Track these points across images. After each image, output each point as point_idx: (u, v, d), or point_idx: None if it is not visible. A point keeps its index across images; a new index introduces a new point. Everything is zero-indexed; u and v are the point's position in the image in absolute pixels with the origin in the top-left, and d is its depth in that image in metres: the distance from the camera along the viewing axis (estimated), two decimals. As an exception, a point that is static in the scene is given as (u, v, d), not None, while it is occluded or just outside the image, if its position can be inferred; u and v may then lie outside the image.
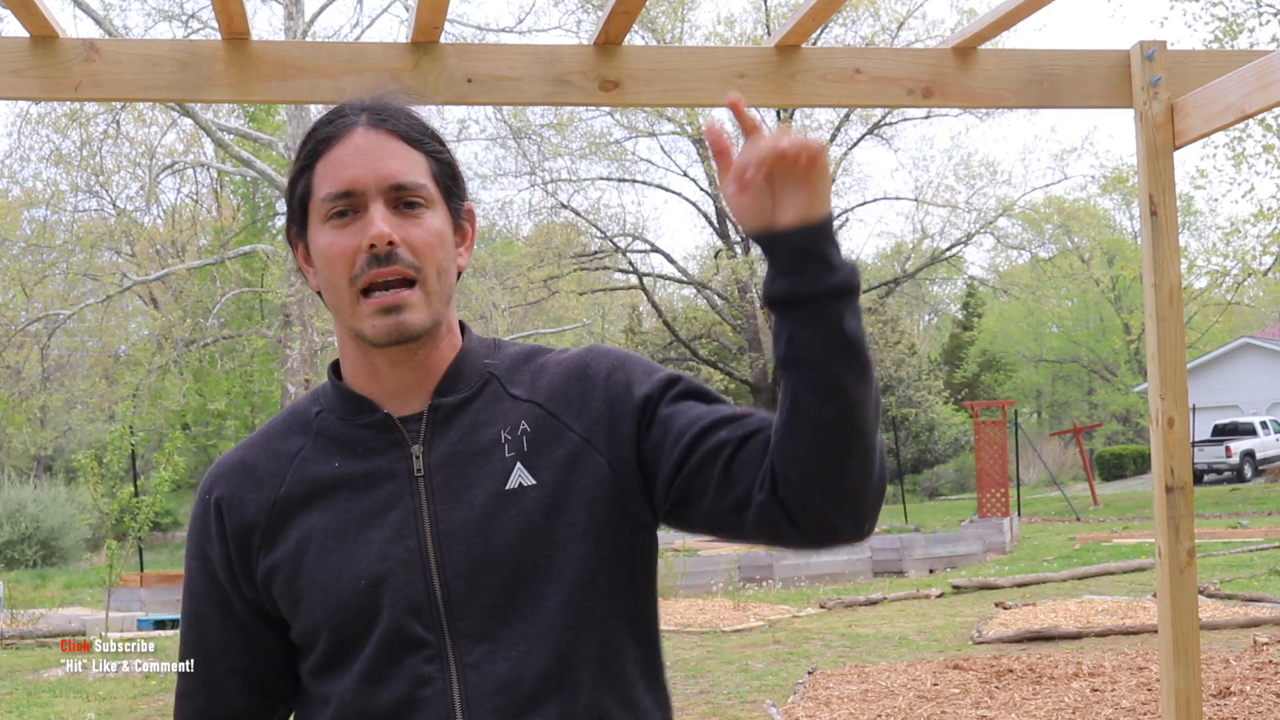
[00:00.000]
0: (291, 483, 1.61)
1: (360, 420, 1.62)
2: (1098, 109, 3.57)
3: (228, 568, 1.64)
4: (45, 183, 31.04)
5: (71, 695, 9.75)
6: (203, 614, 1.67)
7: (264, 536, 1.61)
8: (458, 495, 1.56)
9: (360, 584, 1.55)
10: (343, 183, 1.55)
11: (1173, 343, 3.31)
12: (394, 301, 1.54)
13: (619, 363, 1.63)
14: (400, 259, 1.54)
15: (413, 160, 1.57)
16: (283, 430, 1.67)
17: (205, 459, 34.95)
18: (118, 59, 3.07)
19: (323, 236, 1.57)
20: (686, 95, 3.27)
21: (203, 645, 1.68)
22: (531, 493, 1.55)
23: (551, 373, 1.64)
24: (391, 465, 1.58)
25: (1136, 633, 10.35)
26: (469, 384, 1.62)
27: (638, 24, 17.12)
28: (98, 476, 11.80)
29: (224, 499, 1.64)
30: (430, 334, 1.58)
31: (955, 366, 46.10)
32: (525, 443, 1.58)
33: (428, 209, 1.57)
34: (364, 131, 1.57)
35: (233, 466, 1.66)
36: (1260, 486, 31.85)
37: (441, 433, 1.59)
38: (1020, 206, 33.14)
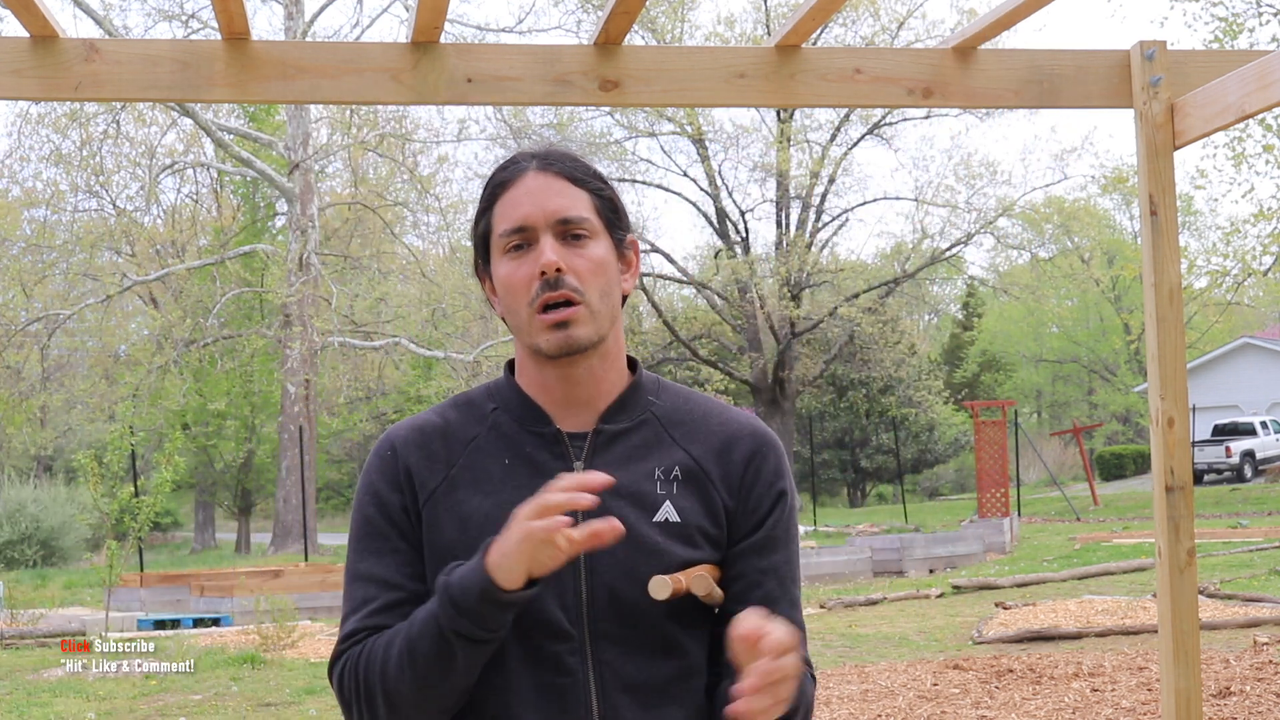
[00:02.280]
0: (463, 466, 1.80)
1: (532, 427, 1.81)
2: (1098, 109, 3.57)
3: (405, 514, 1.79)
4: (45, 183, 31.07)
5: (71, 695, 9.75)
6: (388, 548, 1.78)
7: (431, 499, 1.78)
8: (609, 512, 1.68)
9: None
10: (517, 220, 1.78)
11: (1173, 343, 3.31)
12: (563, 318, 1.75)
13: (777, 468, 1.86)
14: (567, 284, 1.75)
15: (577, 197, 1.80)
16: (459, 418, 1.85)
17: (205, 459, 34.94)
18: (118, 59, 3.07)
19: (503, 268, 1.80)
20: (686, 95, 3.27)
21: (386, 575, 1.77)
22: (676, 529, 1.77)
23: (714, 431, 1.85)
24: (554, 474, 1.70)
25: (1136, 633, 10.35)
26: (631, 416, 1.83)
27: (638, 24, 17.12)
28: (98, 476, 11.80)
29: (405, 456, 1.81)
30: (595, 350, 1.79)
31: (955, 366, 46.12)
32: (675, 486, 1.79)
33: (591, 239, 1.80)
34: (534, 174, 1.80)
35: (412, 432, 1.83)
36: (1260, 486, 31.85)
37: (602, 455, 1.79)
38: (1020, 206, 33.12)
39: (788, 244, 31.20)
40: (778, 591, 1.83)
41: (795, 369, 32.34)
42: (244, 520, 36.53)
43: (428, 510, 1.78)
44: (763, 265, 32.73)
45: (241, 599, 14.41)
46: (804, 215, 32.27)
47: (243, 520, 36.50)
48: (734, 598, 1.80)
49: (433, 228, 31.36)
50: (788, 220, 32.36)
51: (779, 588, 1.84)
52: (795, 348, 32.29)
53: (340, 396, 29.45)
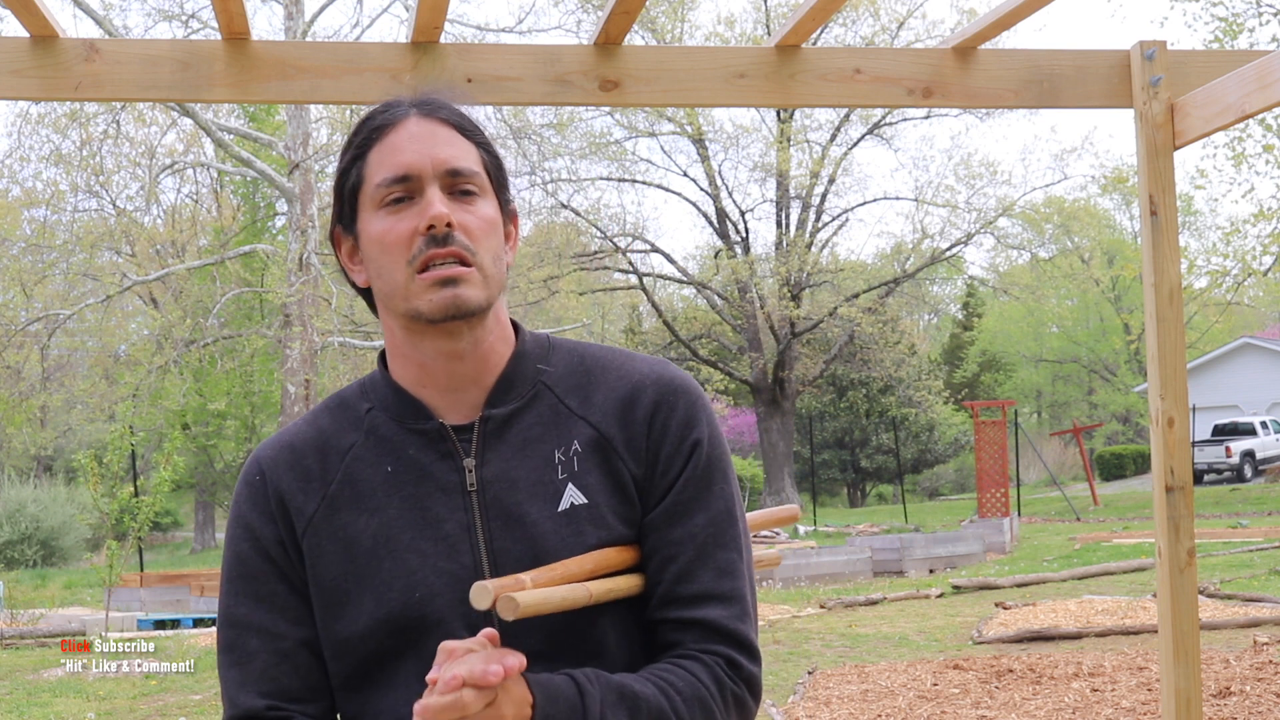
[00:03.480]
0: (342, 481, 1.59)
1: (413, 424, 1.60)
2: (1098, 109, 3.58)
3: (281, 546, 1.60)
4: (45, 183, 31.05)
5: (71, 695, 9.75)
6: (264, 591, 1.60)
7: (310, 528, 1.59)
8: (510, 513, 1.55)
9: (414, 595, 1.53)
10: (399, 168, 1.55)
11: (1173, 343, 3.31)
12: (451, 275, 1.52)
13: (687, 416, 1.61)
14: (457, 240, 1.53)
15: (466, 149, 1.58)
16: (332, 423, 1.64)
17: (205, 459, 34.94)
18: (118, 59, 3.07)
19: (377, 223, 1.56)
20: (686, 95, 3.28)
21: (267, 622, 1.59)
22: (583, 512, 1.56)
23: (613, 388, 1.62)
24: (444, 477, 1.57)
25: (1136, 633, 10.35)
26: (520, 393, 1.61)
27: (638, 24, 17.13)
28: (98, 476, 11.80)
29: (275, 482, 1.61)
30: (480, 318, 1.57)
31: (955, 366, 46.10)
32: (577, 462, 1.57)
33: (481, 197, 1.58)
34: (417, 120, 1.58)
35: (281, 451, 1.63)
36: (1260, 486, 31.84)
37: (494, 445, 1.58)
38: (1020, 206, 33.11)
39: (788, 244, 31.20)
40: (696, 563, 1.56)
41: (795, 369, 32.33)
42: (244, 520, 36.46)
43: (308, 540, 1.58)
44: (763, 265, 32.73)
45: (241, 599, 14.39)
46: (804, 215, 32.26)
47: (243, 520, 36.43)
48: (649, 577, 1.57)
49: (433, 228, 31.35)
50: (788, 220, 32.36)
51: (698, 558, 1.56)
52: (795, 348, 32.28)
53: (340, 397, 29.38)
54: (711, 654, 1.55)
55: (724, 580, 1.57)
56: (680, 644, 1.55)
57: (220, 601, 1.63)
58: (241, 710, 1.58)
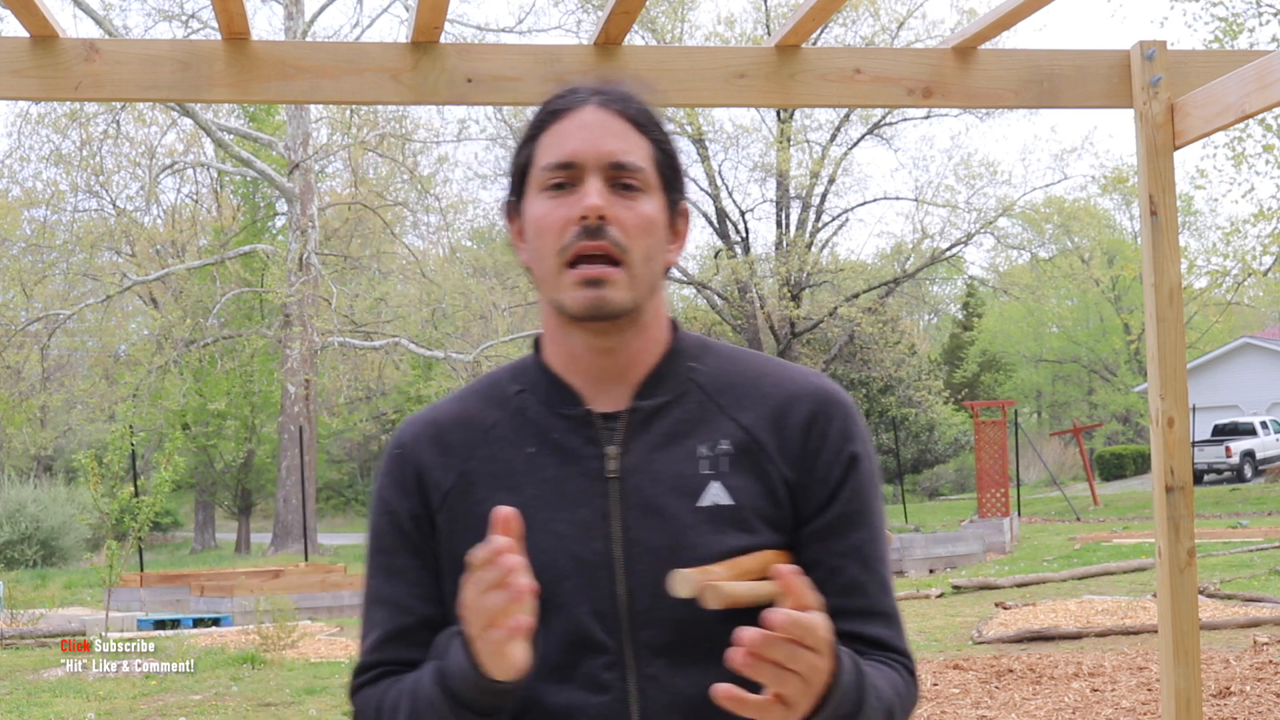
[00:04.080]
0: (482, 458, 1.60)
1: (560, 409, 1.60)
2: (1098, 109, 3.58)
3: (416, 522, 1.60)
4: (45, 183, 31.07)
5: (71, 695, 9.75)
6: (396, 566, 1.61)
7: (446, 503, 1.59)
8: (649, 504, 1.54)
9: (544, 577, 1.50)
10: (564, 154, 1.56)
11: (1173, 343, 3.31)
12: (597, 275, 1.52)
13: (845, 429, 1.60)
14: (609, 235, 1.52)
15: (637, 144, 1.57)
16: (479, 401, 1.65)
17: (205, 459, 34.94)
18: (118, 59, 3.07)
19: (537, 206, 1.57)
20: (686, 95, 3.28)
21: (395, 597, 1.61)
22: (727, 513, 1.54)
23: (767, 394, 1.60)
24: (586, 463, 1.56)
25: (1136, 633, 10.35)
26: (671, 388, 1.60)
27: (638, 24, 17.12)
28: (98, 476, 11.80)
29: (415, 457, 1.62)
30: (630, 318, 1.56)
31: (955, 366, 46.08)
32: (725, 462, 1.56)
33: (644, 193, 1.57)
34: (593, 109, 1.58)
35: (424, 426, 1.64)
36: (1260, 486, 31.84)
37: (639, 436, 1.57)
38: (1020, 206, 33.13)
39: (788, 244, 31.20)
40: (863, 576, 1.57)
41: (795, 369, 32.29)
42: (244, 520, 36.53)
43: (443, 516, 1.59)
44: (763, 265, 32.74)
45: (241, 599, 14.41)
46: (804, 215, 32.27)
47: (243, 520, 36.50)
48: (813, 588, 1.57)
49: (433, 228, 31.38)
50: (788, 220, 32.36)
51: (864, 571, 1.57)
52: (795, 348, 32.27)
53: (340, 396, 29.45)
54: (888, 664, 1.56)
55: (886, 598, 1.58)
56: None
57: (364, 570, 1.67)
58: (359, 679, 1.61)
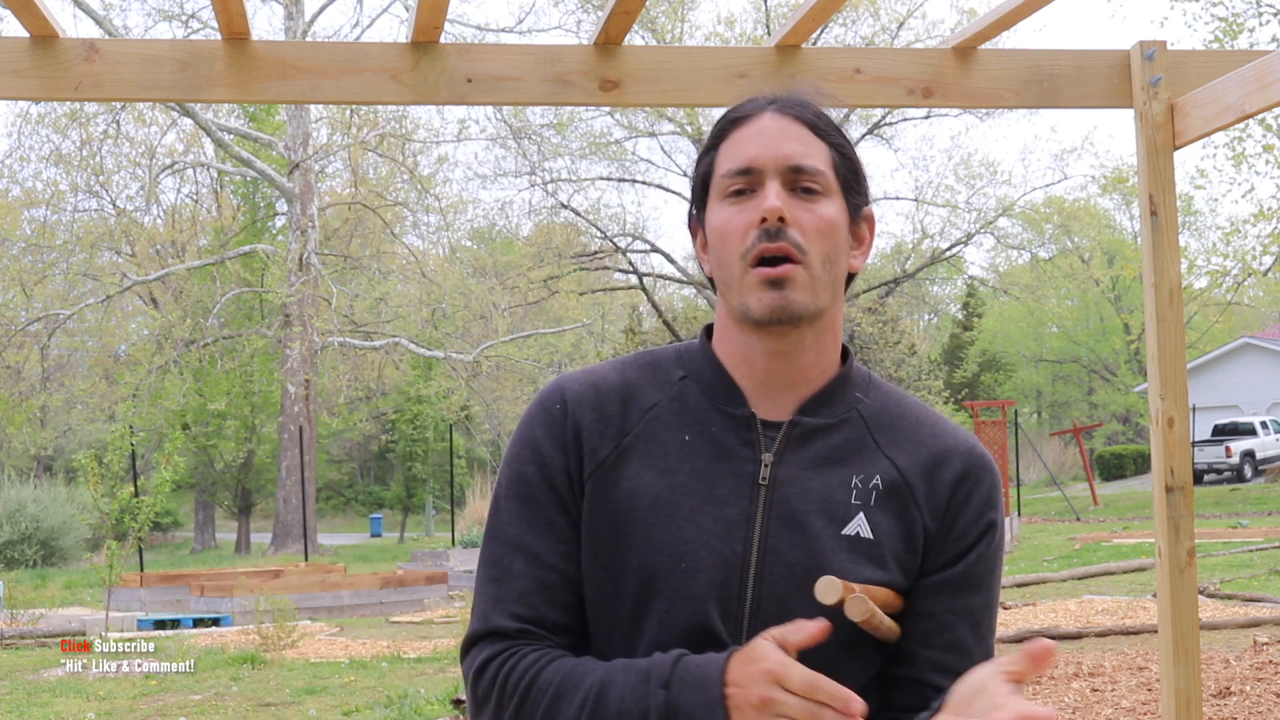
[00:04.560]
0: (637, 435, 1.59)
1: (724, 405, 1.60)
2: (1098, 109, 3.58)
3: (567, 478, 1.58)
4: (45, 183, 31.07)
5: (71, 695, 9.75)
6: (541, 517, 1.58)
7: (599, 470, 1.57)
8: (794, 517, 1.55)
9: (680, 565, 1.52)
10: (743, 160, 1.58)
11: (1173, 343, 3.31)
12: (780, 275, 1.53)
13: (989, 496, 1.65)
14: (788, 236, 1.54)
15: (815, 148, 1.59)
16: (639, 377, 1.64)
17: (205, 459, 34.94)
18: (118, 59, 3.07)
19: (719, 213, 1.59)
20: (686, 95, 3.28)
21: (538, 547, 1.57)
22: (866, 546, 1.55)
23: (924, 443, 1.62)
24: (739, 464, 1.57)
25: (1136, 633, 10.35)
26: (835, 412, 1.61)
27: (638, 24, 17.12)
28: (98, 476, 11.80)
29: (576, 415, 1.60)
30: (810, 324, 1.57)
31: (955, 366, 46.09)
32: (873, 497, 1.57)
33: (824, 196, 1.58)
34: (771, 116, 1.61)
35: (586, 389, 1.62)
36: (1260, 486, 31.85)
37: (796, 450, 1.58)
38: (1020, 206, 33.16)
39: (788, 244, 31.19)
40: (971, 639, 1.57)
41: (795, 369, 32.31)
42: (244, 520, 36.54)
43: (593, 482, 1.57)
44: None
45: (241, 599, 14.42)
46: (804, 215, 32.25)
47: (243, 520, 36.51)
48: (917, 638, 1.57)
49: (433, 228, 31.39)
50: (788, 220, 32.34)
51: (973, 635, 1.58)
52: (795, 348, 32.24)
53: (340, 396, 29.47)
54: None
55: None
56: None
57: (492, 518, 1.62)
58: (490, 626, 1.56)
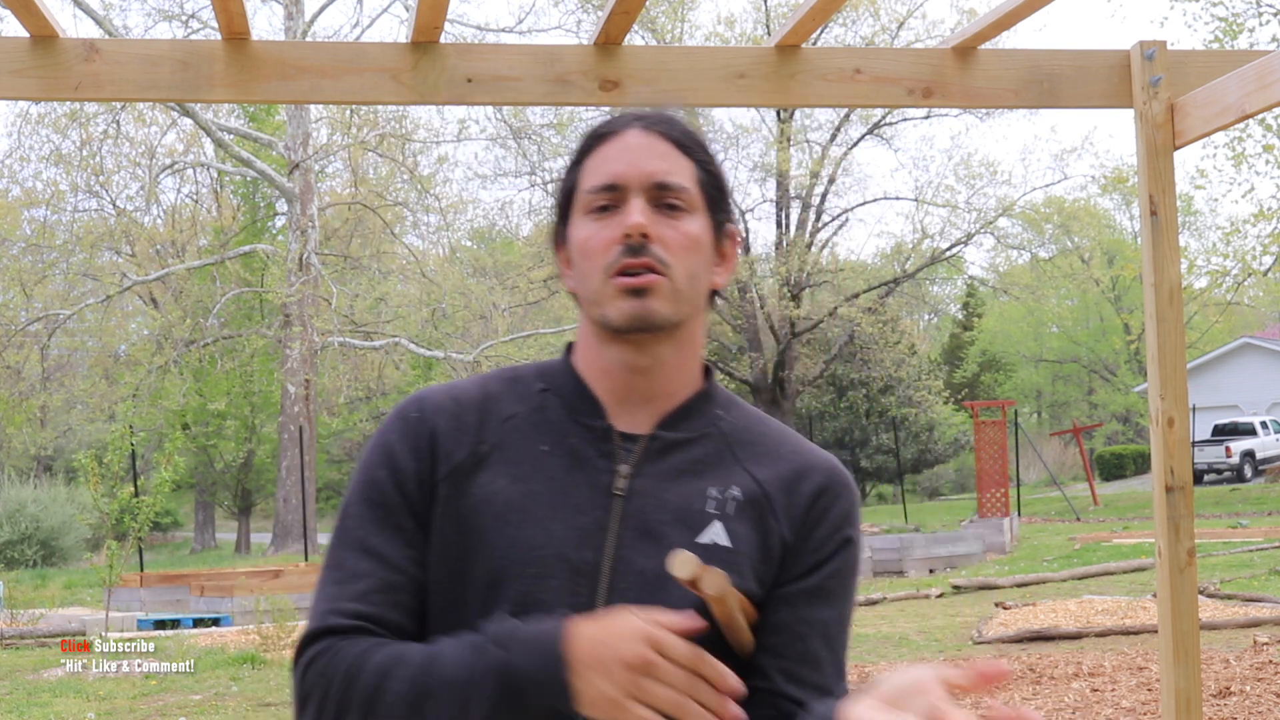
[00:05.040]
0: (494, 443, 1.59)
1: (582, 418, 1.60)
2: (1098, 109, 3.58)
3: (419, 484, 1.58)
4: (45, 183, 31.06)
5: (71, 695, 9.75)
6: (391, 521, 1.58)
7: (452, 475, 1.58)
8: (648, 527, 1.54)
9: (529, 570, 1.52)
10: (607, 176, 1.58)
11: (1173, 343, 3.31)
12: (641, 284, 1.54)
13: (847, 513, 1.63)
14: (651, 252, 1.54)
15: (680, 165, 1.60)
16: (499, 389, 1.65)
17: (205, 459, 34.93)
18: (118, 59, 3.07)
19: (582, 229, 1.59)
20: (686, 95, 3.27)
21: (388, 553, 1.56)
22: (723, 554, 1.54)
23: (784, 458, 1.63)
24: (595, 474, 1.57)
25: (1136, 633, 10.35)
26: (694, 428, 1.61)
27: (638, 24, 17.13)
28: (98, 476, 11.80)
29: (429, 421, 1.61)
30: (670, 336, 1.58)
31: (955, 366, 46.09)
32: (731, 506, 1.57)
33: (688, 213, 1.59)
34: (636, 132, 1.61)
35: (445, 399, 1.63)
36: (1260, 486, 31.85)
37: (653, 463, 1.58)
38: (1020, 206, 33.13)
39: (788, 244, 31.21)
40: (823, 653, 1.57)
41: (795, 369, 32.33)
42: (244, 520, 36.55)
43: (446, 486, 1.57)
44: (763, 265, 32.75)
45: (241, 599, 14.42)
46: (804, 215, 32.28)
47: (243, 520, 36.51)
48: (770, 649, 1.56)
49: (433, 228, 31.39)
50: (788, 220, 32.37)
51: (825, 649, 1.58)
52: (795, 348, 32.28)
53: (340, 396, 29.47)
54: None
55: (839, 682, 1.59)
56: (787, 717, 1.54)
57: (339, 524, 1.61)
58: (326, 625, 1.54)
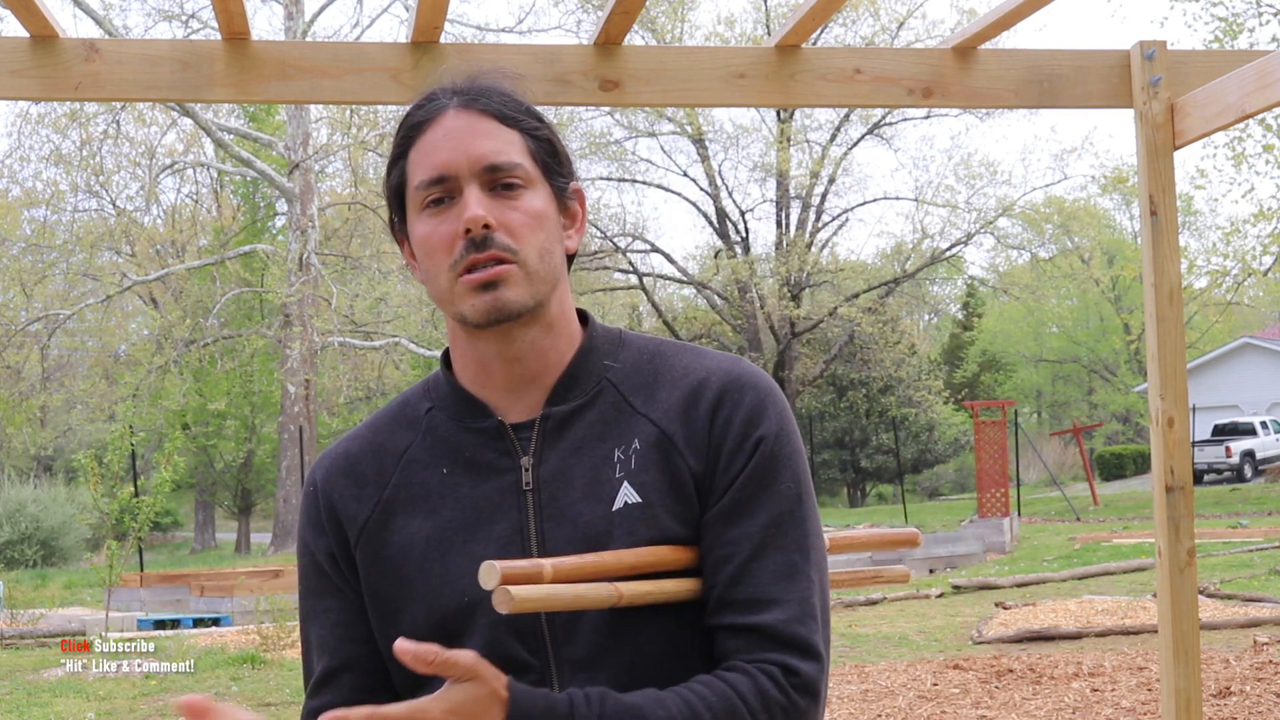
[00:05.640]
0: (396, 485, 1.55)
1: (472, 424, 1.55)
2: (1098, 109, 3.58)
3: (333, 561, 1.57)
4: (45, 183, 31.08)
5: (71, 695, 9.75)
6: (320, 607, 1.58)
7: (363, 537, 1.55)
8: (564, 513, 1.49)
9: (464, 600, 1.48)
10: (435, 168, 1.49)
11: (1173, 343, 3.31)
12: (490, 277, 1.47)
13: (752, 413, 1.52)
14: (496, 242, 1.47)
15: (507, 139, 1.51)
16: (389, 424, 1.60)
17: (205, 459, 34.93)
18: (118, 59, 3.07)
19: (421, 226, 1.52)
20: (686, 95, 3.28)
21: (323, 640, 1.57)
22: (635, 511, 1.48)
23: (676, 385, 1.54)
24: (500, 477, 1.52)
25: (1136, 633, 10.35)
26: (584, 390, 1.54)
27: (638, 24, 17.13)
28: (98, 476, 11.80)
29: (327, 493, 1.58)
30: (534, 316, 1.50)
31: (955, 366, 46.09)
32: (634, 459, 1.50)
33: (526, 189, 1.51)
34: (455, 113, 1.51)
35: (336, 460, 1.60)
36: (1260, 486, 31.84)
37: (552, 444, 1.52)
38: (1020, 206, 33.15)
39: (788, 244, 31.22)
40: (753, 564, 1.46)
41: (795, 369, 32.33)
42: (244, 520, 36.55)
43: (361, 550, 1.54)
44: (763, 265, 32.76)
45: (241, 599, 14.42)
46: (804, 215, 32.29)
47: (243, 520, 36.52)
48: (704, 583, 1.48)
49: (433, 228, 31.38)
50: (788, 220, 32.38)
51: (754, 559, 1.46)
52: (795, 348, 32.29)
53: (340, 396, 29.46)
54: (761, 663, 1.45)
55: (781, 583, 1.47)
56: (734, 653, 1.46)
57: (299, 600, 1.64)
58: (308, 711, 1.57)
